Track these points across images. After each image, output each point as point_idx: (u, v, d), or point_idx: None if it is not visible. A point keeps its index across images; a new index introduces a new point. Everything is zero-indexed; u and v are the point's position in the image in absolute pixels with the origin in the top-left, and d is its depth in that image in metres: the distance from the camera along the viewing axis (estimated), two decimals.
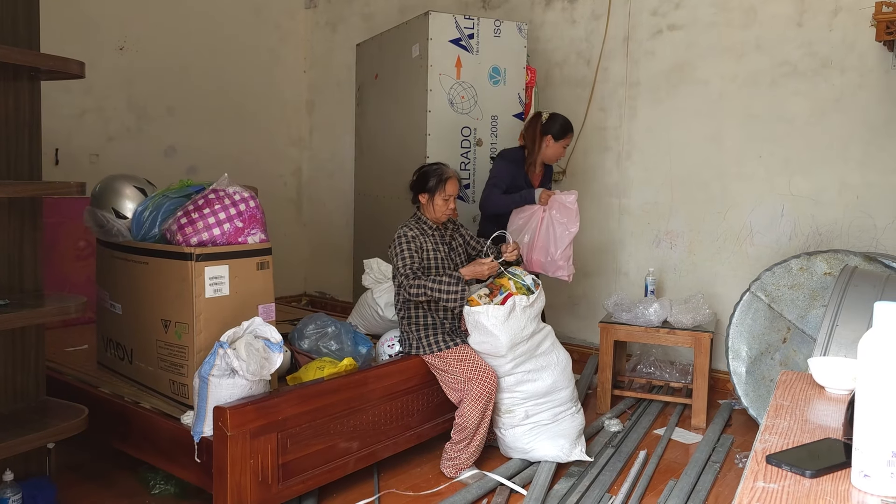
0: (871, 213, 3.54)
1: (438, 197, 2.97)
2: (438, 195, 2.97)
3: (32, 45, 2.20)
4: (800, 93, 3.70)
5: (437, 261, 2.99)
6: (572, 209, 3.38)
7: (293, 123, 5.70)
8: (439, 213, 3.00)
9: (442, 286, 2.82)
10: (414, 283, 2.84)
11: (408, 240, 2.94)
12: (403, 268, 2.88)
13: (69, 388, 2.82)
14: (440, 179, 2.97)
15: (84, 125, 4.36)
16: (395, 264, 2.93)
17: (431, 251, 2.99)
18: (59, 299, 2.20)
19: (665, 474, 2.90)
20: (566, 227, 3.41)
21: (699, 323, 3.56)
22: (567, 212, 3.40)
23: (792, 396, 1.46)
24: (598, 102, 4.40)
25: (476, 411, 2.79)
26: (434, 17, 3.82)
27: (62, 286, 3.76)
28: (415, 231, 2.98)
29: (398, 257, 2.91)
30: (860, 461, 1.02)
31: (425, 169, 3.05)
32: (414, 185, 3.05)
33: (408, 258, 2.90)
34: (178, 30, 4.79)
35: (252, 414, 2.28)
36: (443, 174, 2.99)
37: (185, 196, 2.69)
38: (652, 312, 3.62)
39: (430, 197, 2.98)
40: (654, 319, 3.60)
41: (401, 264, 2.89)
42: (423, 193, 3.00)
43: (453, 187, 3.00)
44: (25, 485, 2.18)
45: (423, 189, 3.00)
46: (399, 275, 2.89)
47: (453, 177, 3.01)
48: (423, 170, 3.06)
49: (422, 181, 3.01)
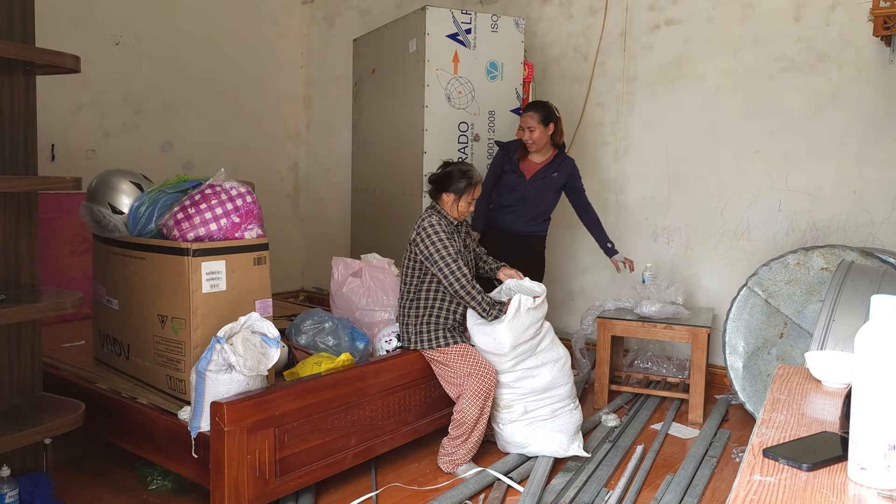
0: (867, 208, 3.55)
1: (464, 199, 2.97)
2: (465, 198, 2.97)
3: (28, 40, 2.19)
4: (797, 88, 3.70)
5: (461, 256, 3.00)
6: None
7: (290, 119, 5.69)
8: (461, 213, 3.00)
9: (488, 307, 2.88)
10: (471, 285, 2.87)
11: (446, 233, 2.91)
12: (454, 263, 2.85)
13: (66, 384, 2.82)
14: (470, 183, 2.97)
15: (80, 120, 4.35)
16: (432, 255, 2.87)
17: (456, 248, 2.98)
18: (55, 295, 2.20)
19: (662, 469, 2.90)
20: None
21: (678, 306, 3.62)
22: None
23: (789, 390, 1.46)
24: (595, 97, 4.39)
25: (475, 407, 2.79)
26: (431, 12, 3.81)
27: (58, 282, 3.75)
28: (444, 223, 2.96)
29: (441, 250, 2.87)
30: (857, 454, 1.02)
31: (453, 168, 3.01)
32: (439, 181, 3.01)
33: (452, 252, 2.88)
34: (174, 25, 4.78)
35: (249, 409, 2.28)
36: (473, 178, 2.98)
37: (182, 191, 2.68)
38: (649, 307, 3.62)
39: (456, 197, 2.97)
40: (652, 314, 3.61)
41: (448, 259, 2.86)
42: (449, 192, 2.97)
43: (479, 191, 3.02)
44: (22, 480, 2.18)
45: (449, 188, 2.97)
46: (447, 268, 2.85)
47: (481, 181, 3.03)
48: (451, 168, 3.01)
49: (450, 180, 2.97)
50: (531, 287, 3.00)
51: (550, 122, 3.56)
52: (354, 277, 3.34)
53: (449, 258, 2.86)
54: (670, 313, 3.61)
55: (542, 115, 3.53)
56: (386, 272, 3.30)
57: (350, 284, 3.33)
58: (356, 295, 3.30)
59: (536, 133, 3.53)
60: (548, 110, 3.56)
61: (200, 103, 4.97)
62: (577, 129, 4.45)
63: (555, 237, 4.60)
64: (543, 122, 3.53)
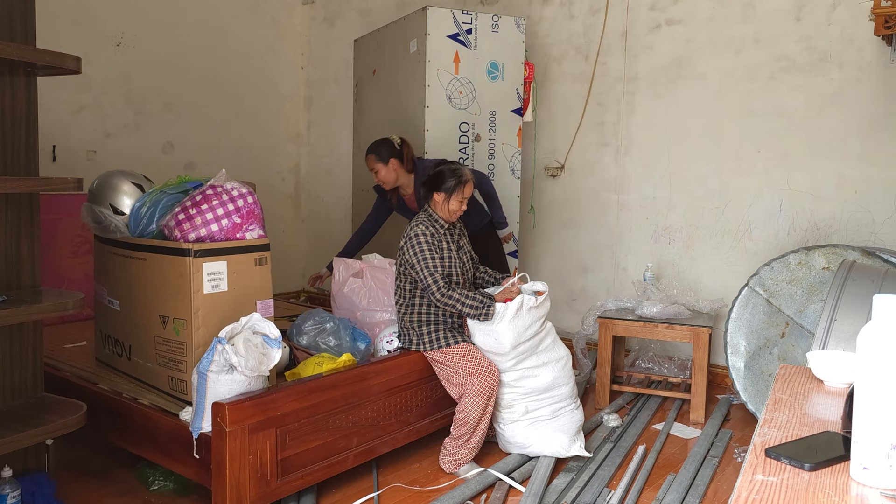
0: (869, 208, 3.54)
1: (455, 198, 2.96)
2: (455, 197, 2.96)
3: (29, 41, 2.19)
4: (798, 87, 3.70)
5: (451, 260, 2.99)
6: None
7: (291, 119, 5.69)
8: (453, 213, 3.00)
9: (475, 303, 2.82)
10: (447, 295, 2.83)
11: (429, 243, 2.90)
12: (431, 275, 2.84)
13: (67, 385, 2.82)
14: (459, 181, 2.96)
15: (81, 121, 4.35)
16: (414, 265, 2.89)
17: (446, 251, 2.98)
18: (56, 295, 2.20)
19: (664, 469, 2.90)
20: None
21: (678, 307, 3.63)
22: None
23: (791, 390, 1.46)
24: (596, 98, 4.39)
25: (477, 407, 2.79)
26: (432, 13, 3.81)
27: (60, 282, 3.76)
28: (431, 230, 2.96)
29: (421, 262, 2.87)
30: (859, 454, 1.02)
31: (442, 168, 3.01)
32: (429, 183, 3.01)
33: (431, 264, 2.86)
34: (175, 25, 4.78)
35: (251, 410, 2.28)
36: (462, 176, 2.97)
37: (183, 192, 2.68)
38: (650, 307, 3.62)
39: (446, 197, 2.96)
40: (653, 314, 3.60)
41: (427, 272, 2.85)
42: (439, 192, 2.97)
43: (470, 189, 3.01)
44: (24, 481, 2.18)
45: (439, 188, 2.97)
46: (425, 280, 2.85)
47: (471, 180, 3.02)
48: (441, 169, 3.02)
49: (439, 180, 2.98)
50: (533, 286, 3.00)
51: (391, 157, 3.46)
52: (355, 278, 3.34)
53: (426, 270, 2.85)
54: (671, 313, 3.61)
55: (377, 155, 3.46)
56: (387, 272, 3.30)
57: (351, 285, 3.33)
58: (357, 295, 3.30)
59: (381, 173, 3.47)
60: (381, 148, 3.46)
61: (201, 104, 4.97)
62: (577, 130, 4.45)
63: (554, 237, 4.60)
64: (383, 161, 3.45)
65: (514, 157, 4.10)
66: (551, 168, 4.57)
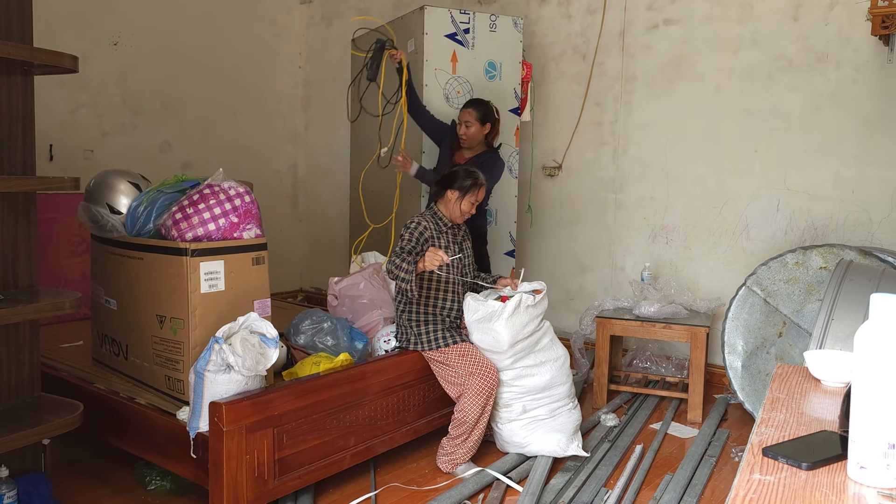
0: (866, 208, 3.55)
1: (468, 199, 2.98)
2: (468, 198, 2.98)
3: (25, 40, 2.18)
4: (795, 87, 3.70)
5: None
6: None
7: (289, 119, 5.69)
8: (463, 214, 3.01)
9: (402, 264, 2.78)
10: (390, 260, 2.85)
11: (418, 229, 2.94)
12: (396, 255, 2.85)
13: (64, 385, 2.81)
14: (475, 183, 2.98)
15: (78, 121, 4.34)
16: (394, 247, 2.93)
17: (444, 249, 2.98)
18: (53, 295, 2.20)
19: (661, 468, 2.90)
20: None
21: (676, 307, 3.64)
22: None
23: (788, 389, 1.46)
24: (593, 97, 4.39)
25: (476, 406, 2.79)
26: (430, 12, 3.81)
27: (57, 282, 3.75)
28: (429, 224, 2.97)
29: (399, 241, 2.92)
30: (856, 453, 1.02)
31: (460, 168, 3.04)
32: (444, 181, 3.03)
33: (405, 241, 2.90)
34: (172, 25, 4.77)
35: (248, 409, 2.27)
36: (478, 179, 3.00)
37: (180, 191, 2.68)
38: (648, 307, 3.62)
39: (460, 196, 2.97)
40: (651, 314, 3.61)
41: (398, 247, 2.89)
42: (453, 190, 2.98)
43: (482, 195, 3.04)
44: (21, 481, 2.18)
45: (454, 185, 2.98)
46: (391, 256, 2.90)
47: (485, 185, 3.05)
48: (458, 168, 3.05)
49: (456, 178, 2.99)
50: (531, 285, 3.00)
51: (487, 121, 3.52)
52: (354, 277, 3.34)
53: (397, 248, 2.88)
54: (669, 313, 3.61)
55: (480, 113, 3.50)
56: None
57: (349, 284, 3.32)
58: (355, 294, 3.29)
59: (472, 129, 3.50)
60: (487, 109, 3.52)
61: (199, 103, 4.96)
62: (575, 129, 4.45)
63: (552, 237, 4.60)
64: (480, 121, 3.50)
65: (511, 156, 4.10)
66: (549, 168, 4.57)
